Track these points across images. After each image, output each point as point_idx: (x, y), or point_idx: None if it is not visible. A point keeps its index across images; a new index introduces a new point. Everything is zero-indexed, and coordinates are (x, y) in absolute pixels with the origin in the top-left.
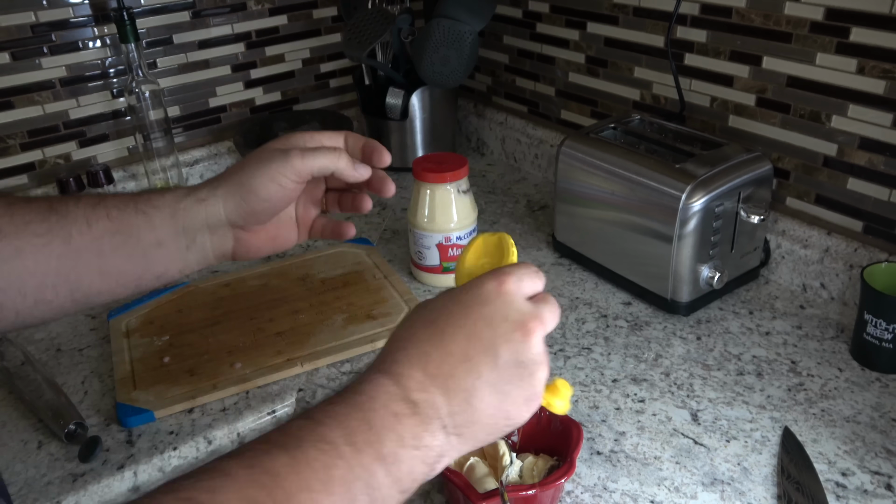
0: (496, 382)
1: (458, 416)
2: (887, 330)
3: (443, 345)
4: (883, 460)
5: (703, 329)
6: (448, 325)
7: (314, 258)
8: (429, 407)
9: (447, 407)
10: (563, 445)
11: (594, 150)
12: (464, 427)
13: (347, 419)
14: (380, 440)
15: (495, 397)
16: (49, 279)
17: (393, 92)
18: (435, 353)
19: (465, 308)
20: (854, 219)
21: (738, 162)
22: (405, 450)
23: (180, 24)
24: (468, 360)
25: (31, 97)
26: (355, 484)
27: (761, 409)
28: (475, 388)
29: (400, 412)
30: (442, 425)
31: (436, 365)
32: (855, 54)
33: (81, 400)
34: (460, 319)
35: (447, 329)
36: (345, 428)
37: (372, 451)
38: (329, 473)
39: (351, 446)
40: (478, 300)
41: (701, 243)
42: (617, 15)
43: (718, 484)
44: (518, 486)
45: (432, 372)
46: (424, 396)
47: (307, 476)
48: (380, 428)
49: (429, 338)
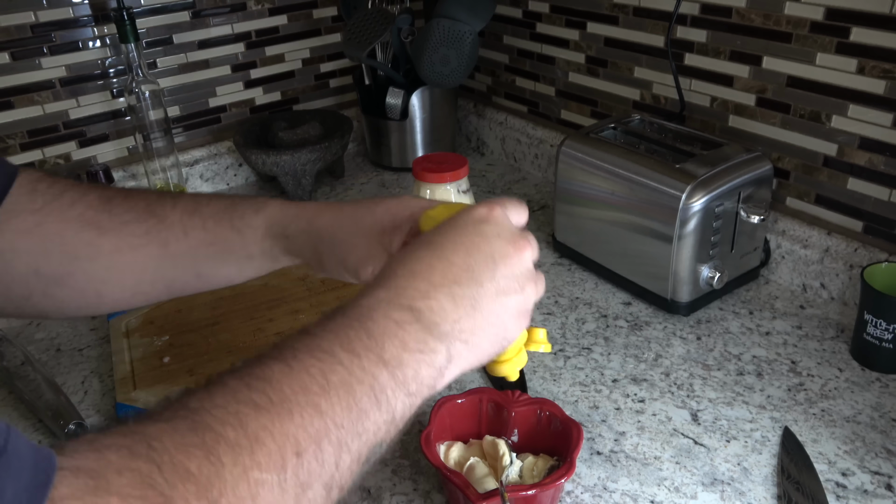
0: (496, 293)
1: (464, 322)
2: (887, 330)
3: (444, 257)
4: (883, 460)
5: (703, 329)
6: (447, 242)
7: None
8: (434, 313)
9: (455, 312)
10: (563, 445)
11: (594, 150)
12: (470, 334)
13: (345, 329)
14: (380, 346)
15: (496, 306)
16: (147, 276)
17: (393, 92)
18: (438, 264)
19: (461, 228)
20: (854, 219)
21: (738, 162)
22: (409, 353)
23: (180, 24)
24: (470, 270)
25: (31, 97)
26: (357, 387)
27: (761, 409)
28: (479, 295)
29: (402, 320)
30: (448, 330)
31: (440, 274)
32: (855, 54)
33: (81, 400)
34: (458, 237)
35: (447, 245)
36: (343, 338)
37: (373, 356)
38: (327, 378)
39: (349, 353)
40: (472, 221)
41: (701, 243)
42: (617, 15)
43: (718, 484)
44: (518, 486)
45: (437, 280)
46: (429, 303)
47: (305, 380)
48: (380, 335)
49: (430, 254)
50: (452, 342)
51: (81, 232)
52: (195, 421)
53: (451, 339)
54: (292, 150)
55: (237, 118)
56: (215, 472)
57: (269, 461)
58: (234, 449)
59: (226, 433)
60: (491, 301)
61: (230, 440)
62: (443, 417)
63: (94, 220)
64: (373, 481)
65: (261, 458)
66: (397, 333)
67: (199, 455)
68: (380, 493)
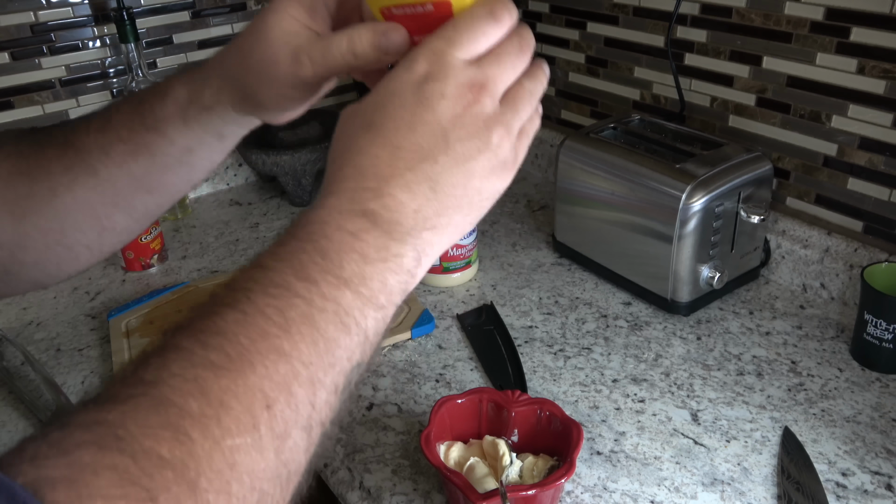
0: (455, 162)
1: (426, 209)
2: (887, 330)
3: (388, 142)
4: (883, 460)
5: (703, 329)
6: (387, 121)
7: None
8: (391, 211)
9: (413, 202)
10: (563, 445)
11: (594, 150)
12: (436, 217)
13: (297, 254)
14: (338, 265)
15: (460, 177)
16: (98, 210)
17: None
18: (382, 152)
19: (398, 98)
20: (854, 219)
21: (738, 162)
22: (371, 265)
23: (180, 24)
24: (419, 150)
25: (31, 97)
26: (319, 316)
27: (761, 409)
28: (435, 173)
29: (357, 229)
30: (411, 224)
31: (387, 164)
32: (855, 54)
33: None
34: (398, 111)
35: (387, 124)
36: (297, 265)
37: (331, 279)
38: (285, 315)
39: (306, 281)
40: (409, 85)
41: (701, 243)
42: (617, 15)
43: (718, 484)
44: (518, 486)
45: (385, 173)
46: (383, 202)
47: (261, 324)
48: (335, 253)
49: (371, 141)
50: (418, 236)
51: (14, 186)
52: (154, 397)
53: (416, 233)
54: (292, 150)
55: None
56: (187, 452)
57: (239, 424)
58: (201, 421)
59: (188, 406)
60: (451, 174)
61: (194, 413)
62: (443, 417)
63: (25, 169)
64: (372, 481)
65: (229, 423)
66: (354, 246)
67: (167, 437)
68: (380, 493)
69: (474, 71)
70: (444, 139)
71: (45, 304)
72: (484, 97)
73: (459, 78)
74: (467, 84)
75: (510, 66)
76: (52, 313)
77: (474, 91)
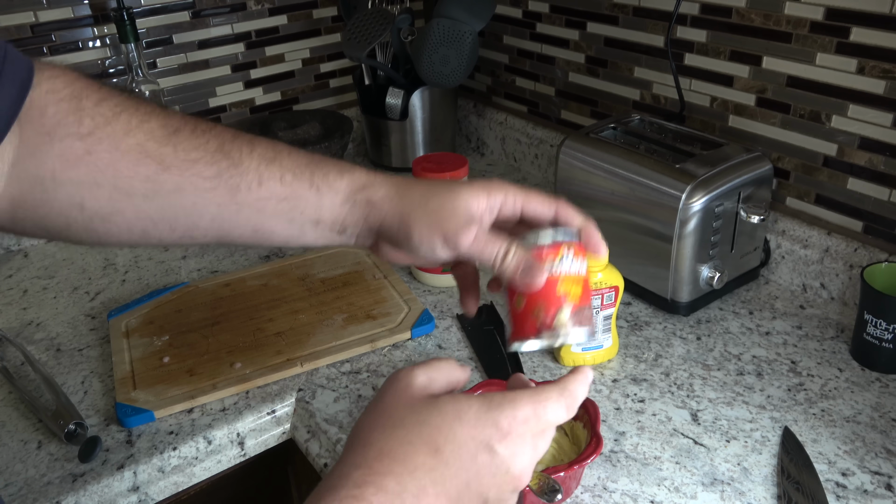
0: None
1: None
2: (887, 330)
3: (442, 487)
4: (883, 460)
5: (703, 329)
6: (452, 461)
7: (314, 258)
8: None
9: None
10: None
11: (594, 150)
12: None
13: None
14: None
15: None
16: (203, 222)
17: (393, 92)
18: (431, 489)
19: (465, 446)
20: (854, 219)
21: (738, 162)
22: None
23: (180, 24)
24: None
25: None
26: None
27: (761, 409)
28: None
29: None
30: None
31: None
32: (855, 54)
33: (81, 400)
34: (464, 461)
35: (451, 464)
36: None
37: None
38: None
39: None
40: (481, 441)
41: (701, 243)
42: (617, 15)
43: (718, 484)
44: (555, 467)
45: (414, 491)
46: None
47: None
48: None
49: (431, 467)
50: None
51: (139, 165)
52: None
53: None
54: None
55: (237, 118)
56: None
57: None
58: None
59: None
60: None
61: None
62: None
63: (155, 153)
64: None
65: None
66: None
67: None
68: None
69: (531, 453)
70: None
71: (45, 304)
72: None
73: (523, 464)
74: (526, 472)
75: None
76: (52, 313)
77: (527, 478)
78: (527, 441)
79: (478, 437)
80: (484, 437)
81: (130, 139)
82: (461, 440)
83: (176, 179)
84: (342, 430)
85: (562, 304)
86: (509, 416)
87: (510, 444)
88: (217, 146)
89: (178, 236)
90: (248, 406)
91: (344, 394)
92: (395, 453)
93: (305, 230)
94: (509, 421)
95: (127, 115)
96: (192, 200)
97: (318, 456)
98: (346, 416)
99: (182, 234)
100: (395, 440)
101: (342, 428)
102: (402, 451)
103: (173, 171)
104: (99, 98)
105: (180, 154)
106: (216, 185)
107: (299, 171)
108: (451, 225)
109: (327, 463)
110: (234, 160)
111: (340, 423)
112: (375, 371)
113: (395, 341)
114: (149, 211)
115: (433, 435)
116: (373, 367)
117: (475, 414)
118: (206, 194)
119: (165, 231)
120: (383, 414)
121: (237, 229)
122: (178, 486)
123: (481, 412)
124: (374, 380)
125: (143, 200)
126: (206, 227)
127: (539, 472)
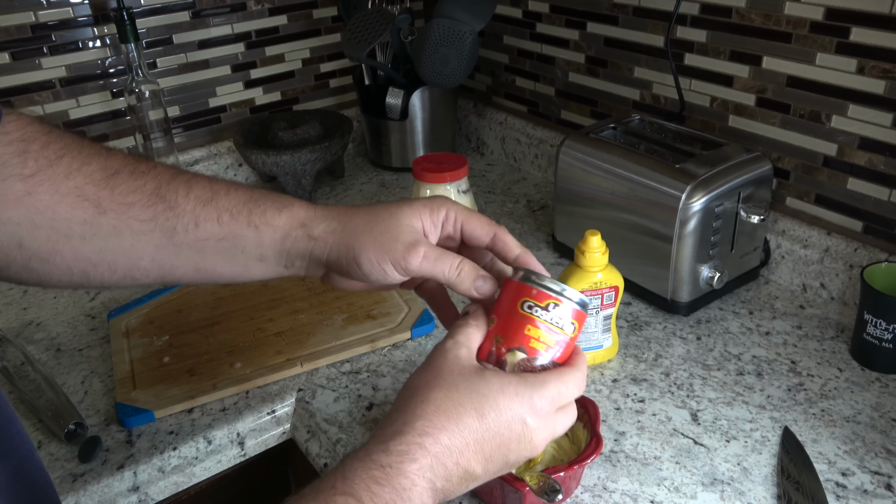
0: (488, 473)
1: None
2: (887, 330)
3: (480, 447)
4: (883, 460)
5: (703, 329)
6: (493, 424)
7: None
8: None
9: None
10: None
11: (594, 150)
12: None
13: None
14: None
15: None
16: (143, 263)
17: (393, 92)
18: (471, 453)
19: (506, 416)
20: (854, 219)
21: (738, 162)
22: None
23: (180, 24)
24: (482, 465)
25: (31, 97)
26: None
27: (761, 409)
28: (476, 478)
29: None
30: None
31: (467, 461)
32: (855, 54)
33: (81, 400)
34: (498, 427)
35: (492, 427)
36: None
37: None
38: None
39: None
40: (518, 416)
41: (701, 243)
42: (617, 15)
43: (718, 484)
44: (555, 466)
45: (462, 465)
46: (445, 484)
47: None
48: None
49: (473, 436)
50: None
51: (76, 208)
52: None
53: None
54: (292, 150)
55: (237, 118)
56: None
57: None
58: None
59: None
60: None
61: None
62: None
63: (93, 196)
64: None
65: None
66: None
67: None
68: None
69: (552, 429)
70: (500, 466)
71: (45, 304)
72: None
73: (547, 436)
74: (546, 439)
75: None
76: (52, 313)
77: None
78: (551, 418)
79: (515, 409)
80: (521, 411)
81: (70, 182)
82: (502, 409)
83: (113, 222)
84: (342, 430)
85: (523, 345)
86: (541, 395)
87: (539, 419)
88: (153, 188)
89: (119, 277)
90: (248, 406)
91: (344, 394)
92: (450, 413)
93: (250, 267)
94: (540, 399)
95: (69, 158)
96: (130, 242)
97: (317, 456)
98: (346, 416)
99: (123, 274)
100: (450, 401)
101: (342, 428)
102: (455, 411)
103: (110, 215)
104: (46, 141)
105: (117, 197)
106: (152, 227)
107: (237, 210)
108: (398, 247)
109: (327, 463)
110: (169, 203)
111: (340, 423)
112: (375, 371)
113: (395, 341)
114: (87, 252)
115: (481, 402)
116: (373, 367)
117: (514, 389)
118: (143, 237)
119: (106, 272)
120: (438, 376)
121: (178, 269)
122: (179, 486)
123: (520, 388)
124: (374, 380)
125: (81, 242)
126: (146, 267)
127: (539, 472)
